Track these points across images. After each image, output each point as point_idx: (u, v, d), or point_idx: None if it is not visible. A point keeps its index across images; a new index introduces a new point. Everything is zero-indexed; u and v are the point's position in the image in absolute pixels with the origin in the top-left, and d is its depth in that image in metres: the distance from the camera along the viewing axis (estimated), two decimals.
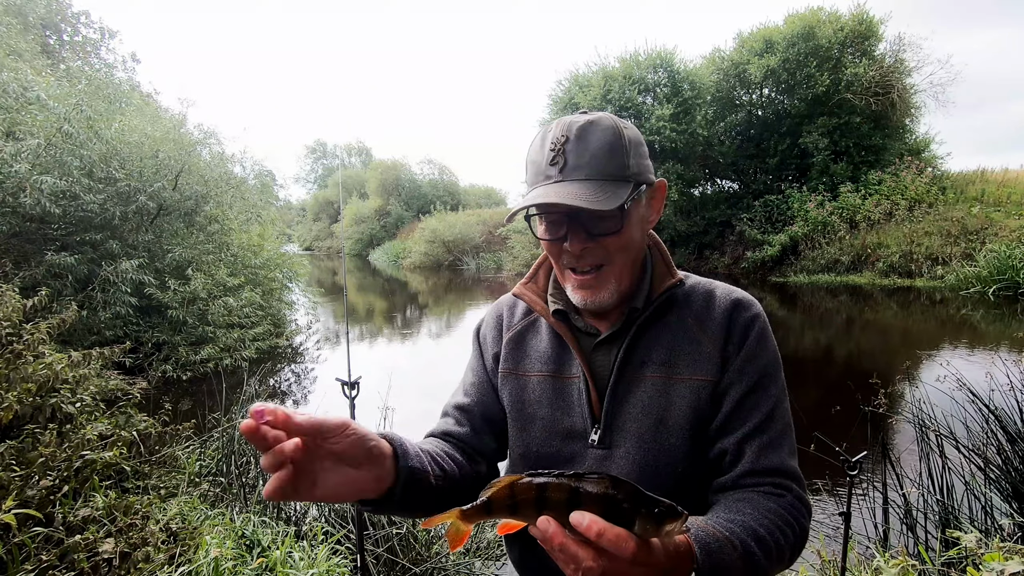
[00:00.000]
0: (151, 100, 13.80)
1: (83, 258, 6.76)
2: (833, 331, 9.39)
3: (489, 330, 1.06)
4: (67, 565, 1.79)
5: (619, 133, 0.84)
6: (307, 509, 3.26)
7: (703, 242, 18.06)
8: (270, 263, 9.96)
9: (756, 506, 0.77)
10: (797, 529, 0.78)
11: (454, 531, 0.60)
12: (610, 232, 0.84)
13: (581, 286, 0.88)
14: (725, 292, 0.93)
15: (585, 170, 0.82)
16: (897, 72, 15.90)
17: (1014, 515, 2.48)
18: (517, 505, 0.57)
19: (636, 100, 17.32)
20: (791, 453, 0.86)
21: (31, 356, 2.63)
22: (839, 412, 3.25)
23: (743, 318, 0.89)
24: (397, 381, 4.02)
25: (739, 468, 0.83)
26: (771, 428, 0.85)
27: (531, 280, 1.02)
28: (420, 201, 35.47)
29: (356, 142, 64.06)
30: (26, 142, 6.38)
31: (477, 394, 1.01)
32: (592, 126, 0.83)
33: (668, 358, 0.88)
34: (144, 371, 6.88)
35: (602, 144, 0.82)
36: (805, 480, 0.88)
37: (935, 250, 12.55)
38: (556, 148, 0.83)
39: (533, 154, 0.88)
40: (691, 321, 0.91)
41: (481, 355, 1.05)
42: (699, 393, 0.86)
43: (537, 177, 0.86)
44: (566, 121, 0.85)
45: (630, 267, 0.89)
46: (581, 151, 0.82)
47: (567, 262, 0.89)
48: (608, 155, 0.82)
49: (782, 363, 0.91)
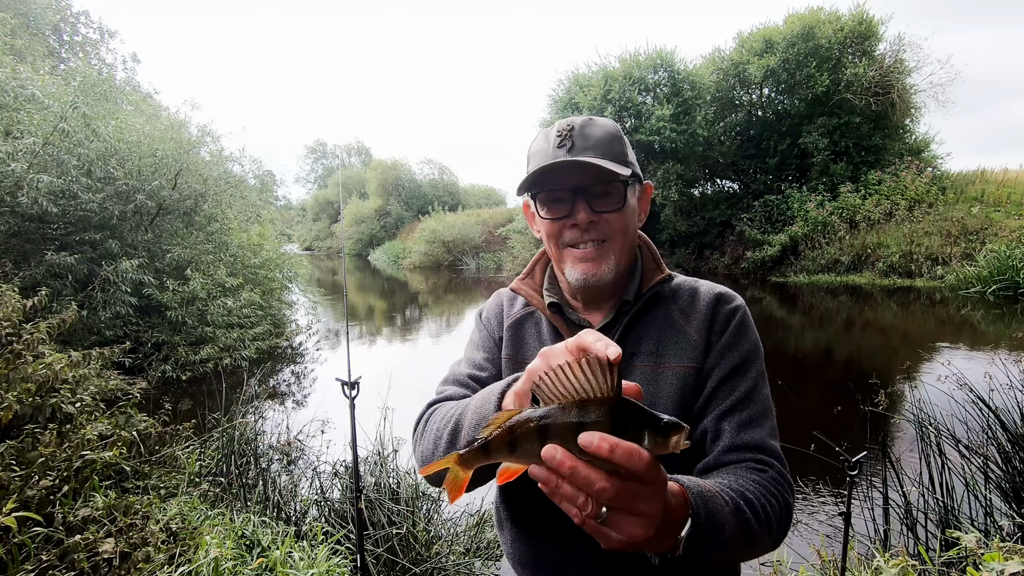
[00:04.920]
0: (151, 99, 13.80)
1: (83, 258, 6.75)
2: (833, 331, 9.39)
3: (492, 315, 1.09)
4: (67, 565, 1.78)
5: (617, 128, 0.94)
6: (307, 509, 3.26)
7: (703, 242, 18.06)
8: (269, 263, 9.96)
9: (740, 476, 0.79)
10: (782, 501, 0.79)
11: (452, 479, 0.57)
12: (614, 208, 0.90)
13: (583, 259, 0.92)
14: (709, 288, 0.99)
15: (592, 151, 0.89)
16: (897, 72, 15.90)
17: (1014, 515, 2.48)
18: (517, 440, 0.53)
19: (636, 100, 17.32)
20: (772, 434, 0.88)
21: (31, 356, 2.63)
22: (839, 412, 3.25)
23: (725, 309, 0.94)
24: (397, 381, 4.02)
25: (720, 444, 0.85)
26: (750, 407, 0.87)
27: (528, 276, 1.07)
28: (420, 201, 35.47)
29: (356, 142, 64.06)
30: (23, 141, 6.37)
31: (491, 367, 1.03)
32: (593, 121, 0.92)
33: (656, 348, 0.92)
34: (144, 371, 6.87)
35: (605, 132, 0.91)
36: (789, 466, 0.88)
37: (935, 250, 12.55)
38: (563, 134, 0.90)
39: (537, 146, 0.94)
40: (677, 314, 0.95)
41: (489, 335, 1.08)
42: (685, 380, 0.90)
43: (544, 160, 0.90)
44: (568, 119, 0.93)
45: (627, 250, 0.95)
46: (587, 136, 0.90)
47: (570, 238, 0.93)
48: (611, 141, 0.91)
49: (763, 352, 0.95)
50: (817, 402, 5.30)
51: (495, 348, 1.05)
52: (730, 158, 18.14)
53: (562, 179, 0.89)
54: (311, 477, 3.49)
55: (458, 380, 1.02)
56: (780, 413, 0.94)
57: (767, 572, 2.57)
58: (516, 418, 0.54)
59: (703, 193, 18.80)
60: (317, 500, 3.28)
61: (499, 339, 1.05)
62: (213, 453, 3.64)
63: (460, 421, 0.82)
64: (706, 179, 19.26)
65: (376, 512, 2.92)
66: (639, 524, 0.52)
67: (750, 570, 2.69)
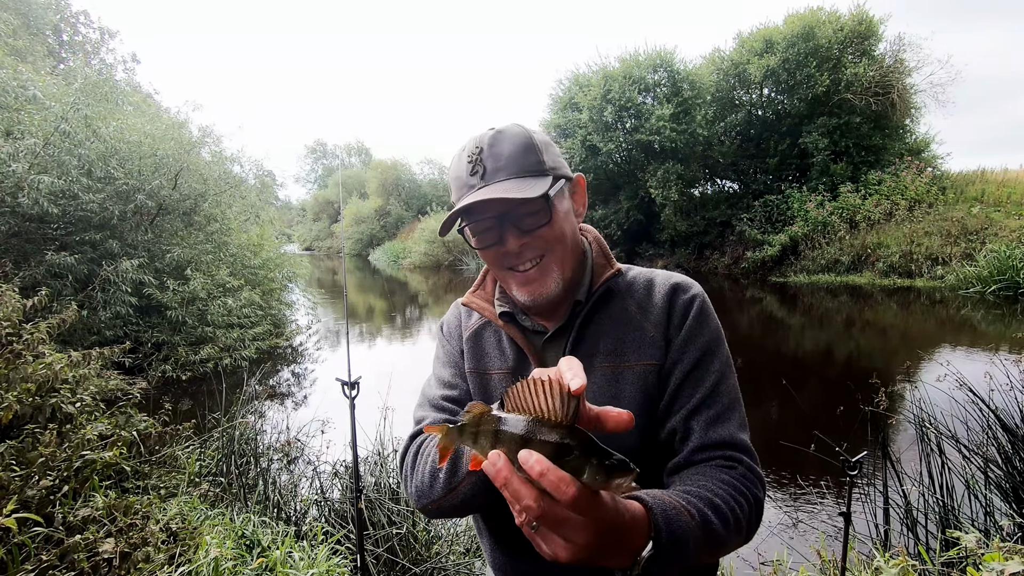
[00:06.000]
0: (151, 100, 13.80)
1: (83, 258, 6.76)
2: (833, 331, 9.39)
3: (452, 329, 1.08)
4: (67, 565, 1.79)
5: (528, 135, 0.89)
6: (307, 509, 3.26)
7: (703, 242, 18.06)
8: (269, 263, 9.96)
9: (709, 478, 0.79)
10: (751, 499, 0.79)
11: (442, 445, 0.62)
12: (541, 225, 0.87)
13: (526, 282, 0.90)
14: (665, 278, 0.96)
15: (504, 172, 0.86)
16: (897, 72, 15.90)
17: (1014, 515, 2.48)
18: (478, 435, 0.57)
19: (636, 100, 17.33)
20: (741, 426, 0.87)
21: (31, 356, 2.63)
22: (839, 412, 3.25)
23: (682, 300, 0.92)
24: (397, 381, 4.02)
25: (689, 445, 0.84)
26: (717, 402, 0.86)
27: (479, 287, 1.06)
28: (420, 201, 35.47)
29: (356, 142, 64.09)
30: (24, 141, 6.38)
31: (461, 382, 1.02)
32: (501, 134, 0.88)
33: (615, 347, 0.90)
34: (144, 371, 6.87)
35: (514, 146, 0.87)
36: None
37: (935, 250, 12.55)
38: (473, 159, 0.88)
39: (454, 171, 0.92)
40: (634, 309, 0.93)
41: (452, 350, 1.06)
42: (647, 378, 0.88)
43: (461, 190, 0.89)
44: (477, 136, 0.90)
45: (570, 256, 0.92)
46: (497, 156, 0.87)
47: (507, 263, 0.91)
48: (522, 154, 0.87)
49: (724, 338, 0.93)
50: (817, 402, 5.30)
51: (460, 361, 1.03)
52: (730, 158, 18.14)
53: (483, 208, 0.86)
54: (311, 477, 3.49)
55: (434, 404, 1.00)
56: (781, 413, 0.94)
57: (767, 572, 2.57)
58: (488, 413, 0.57)
59: (703, 193, 18.80)
60: (317, 500, 3.28)
61: (460, 351, 1.04)
62: (213, 453, 3.64)
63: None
64: (706, 179, 19.27)
65: (376, 512, 2.92)
66: (564, 548, 0.54)
67: (750, 570, 2.69)
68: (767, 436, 4.15)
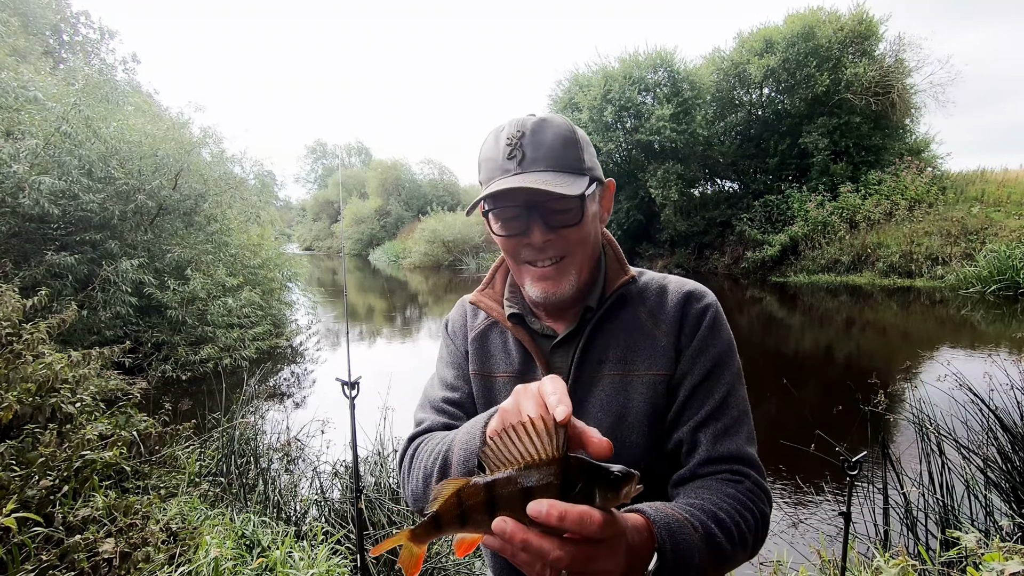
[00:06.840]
0: (151, 100, 13.80)
1: (83, 258, 6.76)
2: (833, 331, 9.39)
3: (457, 328, 1.05)
4: (67, 565, 1.79)
5: (572, 129, 0.85)
6: (307, 509, 3.27)
7: (703, 242, 18.06)
8: (269, 263, 9.96)
9: (714, 491, 0.77)
10: (757, 514, 0.77)
11: (407, 556, 0.55)
12: (570, 224, 0.84)
13: (542, 278, 0.87)
14: (678, 285, 0.94)
15: (543, 162, 0.82)
16: (897, 72, 15.90)
17: (1014, 515, 2.48)
18: (467, 513, 0.51)
19: (636, 100, 17.33)
20: (749, 440, 0.85)
21: (31, 356, 2.63)
22: (839, 412, 3.25)
23: (695, 309, 0.90)
24: (397, 381, 4.02)
25: (696, 457, 0.82)
26: (726, 415, 0.84)
27: (488, 286, 1.02)
28: (420, 201, 35.48)
29: (356, 142, 64.09)
30: (24, 142, 6.38)
31: (464, 384, 1.00)
32: (546, 122, 0.84)
33: (624, 355, 0.88)
34: (144, 371, 6.87)
35: (557, 138, 0.83)
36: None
37: (935, 250, 12.55)
38: (512, 143, 0.83)
39: (487, 151, 0.88)
40: (645, 317, 0.91)
41: (456, 350, 1.03)
42: (656, 388, 0.86)
43: (494, 172, 0.85)
44: (519, 119, 0.85)
45: (588, 261, 0.90)
46: (538, 144, 0.82)
47: (527, 256, 0.88)
48: (564, 148, 0.83)
49: (737, 350, 0.91)
50: (817, 402, 5.30)
51: (464, 363, 1.01)
52: (730, 158, 18.14)
53: (515, 195, 0.81)
54: (311, 477, 3.49)
55: (435, 407, 0.98)
56: (780, 413, 0.94)
57: (767, 572, 2.57)
58: (466, 487, 0.52)
59: (703, 193, 18.81)
60: (317, 500, 3.28)
61: (465, 352, 1.01)
62: (213, 453, 3.64)
63: (448, 458, 0.78)
64: (706, 179, 19.27)
65: (376, 512, 2.92)
66: None
67: (750, 570, 2.69)
68: (767, 436, 4.15)
